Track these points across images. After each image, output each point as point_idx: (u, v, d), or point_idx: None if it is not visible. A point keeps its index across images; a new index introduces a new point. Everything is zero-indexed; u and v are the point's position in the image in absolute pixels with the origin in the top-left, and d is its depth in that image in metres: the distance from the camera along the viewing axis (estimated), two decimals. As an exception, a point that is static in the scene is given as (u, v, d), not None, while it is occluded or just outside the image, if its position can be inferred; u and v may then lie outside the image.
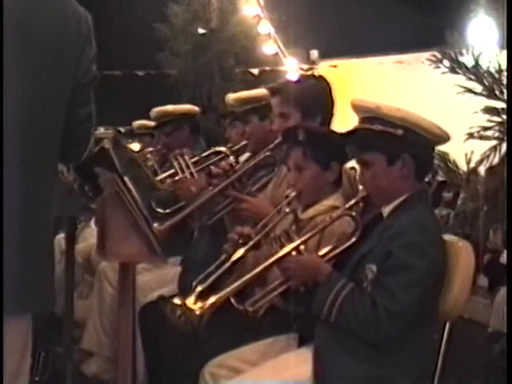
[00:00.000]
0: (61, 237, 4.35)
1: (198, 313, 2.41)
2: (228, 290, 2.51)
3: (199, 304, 2.43)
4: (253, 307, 2.55)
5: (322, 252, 2.60)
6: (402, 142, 2.49)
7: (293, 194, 2.85)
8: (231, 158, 3.52)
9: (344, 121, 2.80)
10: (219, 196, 3.26)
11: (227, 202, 3.24)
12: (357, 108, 2.61)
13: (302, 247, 2.56)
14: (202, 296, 2.47)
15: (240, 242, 2.71)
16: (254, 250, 2.65)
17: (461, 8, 3.47)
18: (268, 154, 3.29)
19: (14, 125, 1.91)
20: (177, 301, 2.44)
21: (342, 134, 2.71)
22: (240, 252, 2.65)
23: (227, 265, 2.66)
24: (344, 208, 2.66)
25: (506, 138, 3.20)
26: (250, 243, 2.67)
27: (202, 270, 2.75)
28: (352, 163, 2.96)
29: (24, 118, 1.94)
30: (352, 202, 2.65)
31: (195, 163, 3.70)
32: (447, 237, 2.58)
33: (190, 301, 2.43)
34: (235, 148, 3.69)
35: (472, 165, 3.33)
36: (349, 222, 2.66)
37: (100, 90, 2.22)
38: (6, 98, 1.89)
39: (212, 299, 2.45)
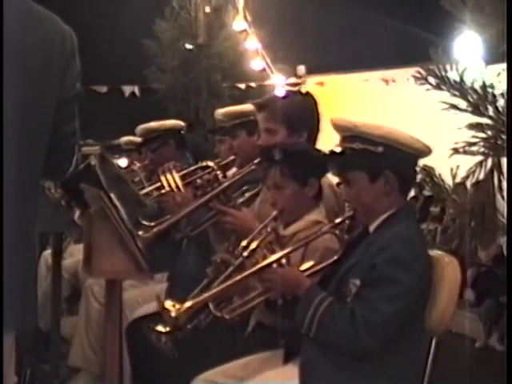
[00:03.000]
0: (47, 253, 4.34)
1: (173, 314, 2.42)
2: (206, 295, 2.52)
3: (177, 306, 2.44)
4: (230, 315, 2.56)
5: (303, 267, 2.61)
6: (383, 159, 2.50)
7: (274, 213, 2.86)
8: (218, 172, 3.51)
9: (330, 137, 2.81)
10: (204, 208, 3.25)
11: (211, 214, 3.24)
12: (336, 127, 2.62)
13: (283, 260, 2.56)
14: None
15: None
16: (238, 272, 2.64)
17: (445, 24, 3.49)
18: (253, 168, 3.29)
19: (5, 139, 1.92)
20: (161, 328, 2.46)
21: (324, 154, 2.72)
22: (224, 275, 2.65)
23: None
24: (330, 225, 2.66)
25: (501, 151, 3.21)
26: (232, 268, 2.66)
27: (192, 285, 2.75)
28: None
29: (13, 132, 1.94)
30: (338, 220, 2.66)
31: (182, 177, 3.70)
32: (433, 252, 2.58)
33: (168, 303, 2.45)
34: (223, 163, 3.69)
35: (457, 180, 3.34)
36: (332, 237, 2.67)
37: (87, 105, 2.23)
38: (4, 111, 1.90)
39: (189, 303, 2.46)
